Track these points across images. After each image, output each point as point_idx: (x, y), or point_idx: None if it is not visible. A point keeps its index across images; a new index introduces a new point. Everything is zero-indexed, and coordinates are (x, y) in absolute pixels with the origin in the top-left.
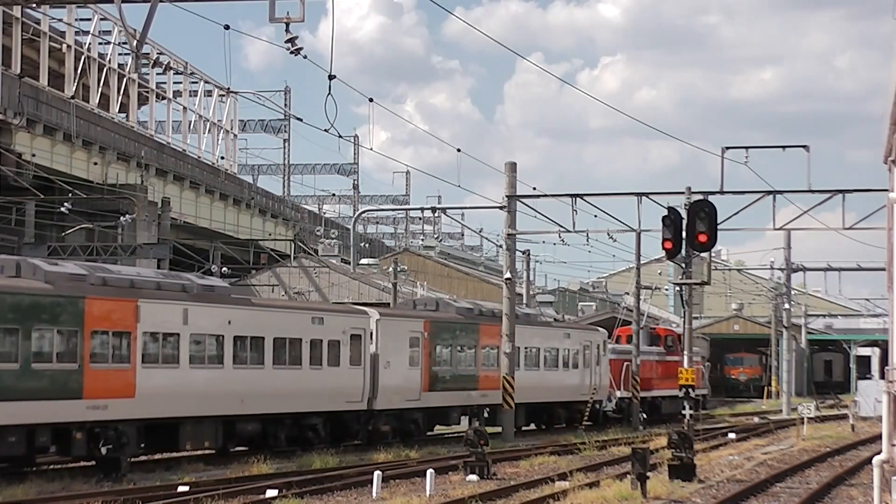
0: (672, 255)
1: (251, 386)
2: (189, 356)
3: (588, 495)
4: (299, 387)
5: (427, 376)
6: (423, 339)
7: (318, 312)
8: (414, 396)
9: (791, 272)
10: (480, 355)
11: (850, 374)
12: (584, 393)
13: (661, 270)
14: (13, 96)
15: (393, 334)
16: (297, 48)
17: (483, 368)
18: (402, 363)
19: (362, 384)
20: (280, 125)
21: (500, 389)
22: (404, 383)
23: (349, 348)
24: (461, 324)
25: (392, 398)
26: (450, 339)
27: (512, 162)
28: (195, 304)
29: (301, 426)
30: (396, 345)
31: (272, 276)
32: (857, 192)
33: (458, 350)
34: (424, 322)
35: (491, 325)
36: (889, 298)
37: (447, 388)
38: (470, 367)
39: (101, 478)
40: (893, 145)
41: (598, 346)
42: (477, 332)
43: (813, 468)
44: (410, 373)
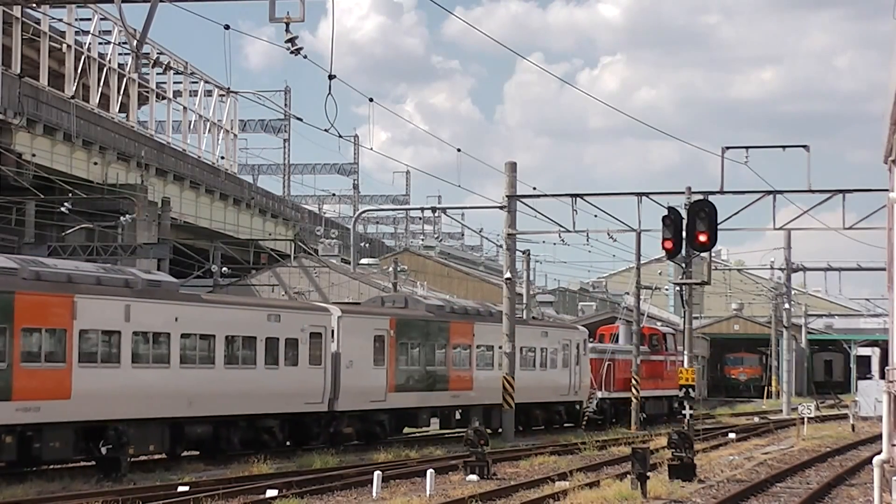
0: (672, 255)
1: (200, 387)
2: (131, 355)
3: (588, 495)
4: (253, 388)
5: (393, 376)
6: (388, 337)
7: (275, 310)
8: (379, 397)
9: (791, 272)
10: (451, 355)
11: (850, 374)
12: (564, 394)
13: (661, 270)
14: (13, 96)
15: (356, 332)
16: (297, 48)
17: (454, 368)
18: (365, 362)
19: (323, 384)
20: (280, 125)
21: (471, 390)
22: (368, 384)
23: (308, 347)
24: (431, 322)
25: (355, 399)
26: (418, 338)
27: (512, 162)
28: (138, 301)
29: (256, 429)
30: (360, 343)
31: (272, 276)
32: (857, 192)
33: (427, 349)
34: (390, 320)
35: (463, 323)
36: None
37: (415, 388)
38: (440, 367)
39: (101, 478)
40: (893, 145)
41: (578, 345)
42: (448, 330)
43: (813, 468)
44: (375, 373)
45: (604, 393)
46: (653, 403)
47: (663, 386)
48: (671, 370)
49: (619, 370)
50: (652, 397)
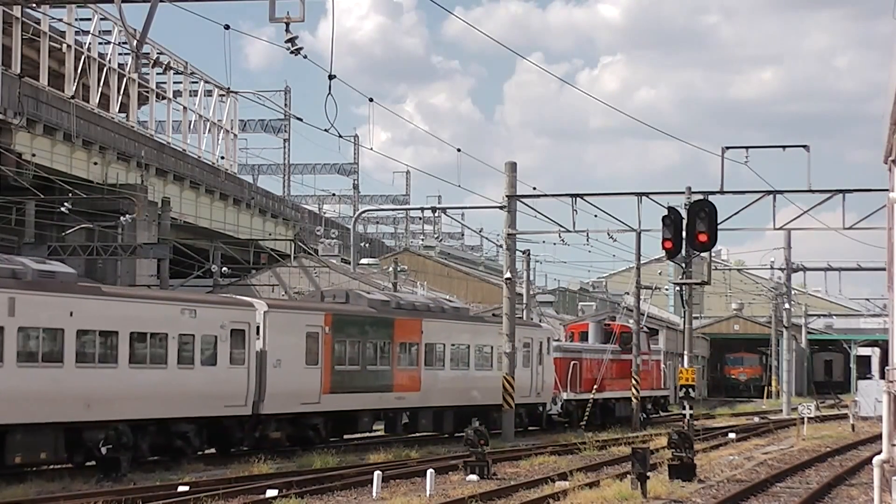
0: (672, 255)
1: (100, 388)
2: (16, 353)
3: (588, 495)
4: (164, 389)
5: (329, 376)
6: (323, 334)
7: (190, 304)
8: (312, 399)
9: (791, 272)
10: (396, 353)
11: (850, 374)
12: (525, 395)
13: (661, 270)
14: (13, 96)
15: (285, 329)
16: (298, 48)
17: (400, 368)
18: (296, 362)
19: (245, 386)
20: (280, 125)
21: (419, 391)
22: (300, 384)
23: (229, 345)
24: (373, 318)
25: (284, 401)
26: (358, 335)
27: (512, 162)
28: (26, 293)
29: (169, 434)
30: (290, 341)
31: (272, 276)
32: (857, 192)
33: (368, 347)
34: (325, 315)
35: (409, 319)
36: (889, 298)
37: (354, 389)
38: (383, 367)
39: (101, 478)
40: (893, 145)
41: (542, 343)
42: (392, 327)
43: (813, 468)
44: (308, 373)
45: (569, 394)
46: (623, 405)
47: (640, 386)
48: (646, 370)
49: (587, 370)
50: (623, 398)
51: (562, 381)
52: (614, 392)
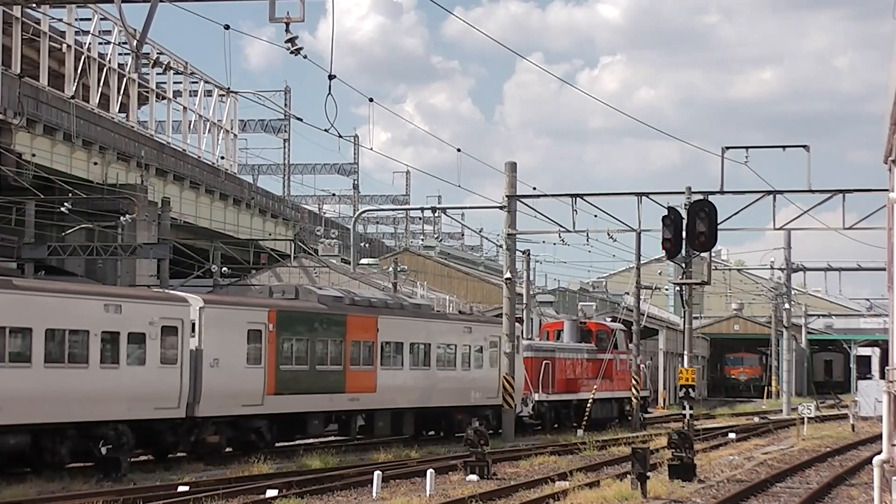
0: (672, 255)
1: (11, 390)
2: None
3: (588, 495)
4: (85, 390)
5: (273, 377)
6: (267, 331)
7: (115, 299)
8: (254, 401)
9: (791, 272)
10: (349, 352)
11: (850, 374)
12: (492, 396)
13: (661, 270)
14: (13, 96)
15: (223, 326)
16: (297, 48)
17: (353, 367)
18: (236, 361)
19: (178, 387)
20: (280, 125)
21: (374, 392)
22: (240, 385)
23: (160, 343)
24: (323, 315)
25: (222, 403)
26: (306, 333)
27: (512, 162)
28: None
29: (93, 438)
30: (229, 339)
31: (272, 275)
32: (857, 192)
33: (318, 345)
34: (269, 312)
35: (364, 316)
36: (889, 298)
37: (302, 390)
38: (335, 366)
39: (101, 478)
40: (893, 145)
41: None
42: (344, 324)
43: (813, 468)
44: (249, 373)
45: (541, 395)
46: (600, 406)
47: (612, 387)
48: (622, 370)
49: (561, 370)
50: (599, 399)
51: (533, 381)
52: (589, 393)
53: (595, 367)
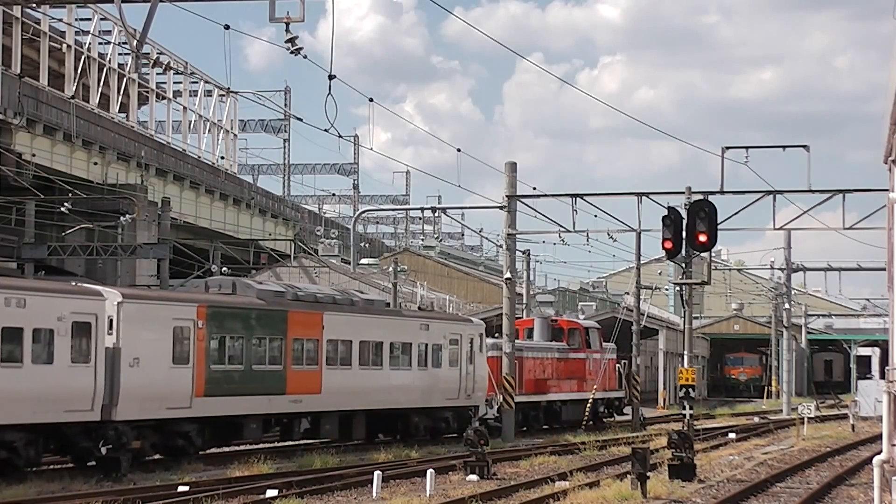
0: (672, 255)
1: None
2: None
3: (588, 495)
4: None
5: (203, 377)
6: (195, 328)
7: (18, 292)
8: (181, 403)
9: (791, 272)
10: (290, 350)
11: (850, 374)
12: (452, 397)
13: (661, 270)
14: (13, 96)
15: (145, 322)
16: (298, 48)
17: (295, 367)
18: (160, 360)
19: (92, 387)
20: (280, 125)
21: (319, 393)
22: (164, 386)
23: (70, 340)
24: (260, 310)
25: (144, 405)
26: (241, 330)
27: (512, 162)
28: None
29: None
30: (152, 336)
31: (272, 275)
32: (857, 192)
33: (254, 344)
34: (198, 307)
35: (307, 312)
36: (889, 298)
37: (237, 392)
38: (274, 366)
39: (101, 478)
40: (893, 145)
41: (472, 340)
42: (285, 321)
43: (813, 468)
44: (175, 373)
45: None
46: (572, 408)
47: (588, 387)
48: (594, 369)
49: (529, 370)
50: (570, 401)
51: (499, 382)
52: (561, 394)
53: (567, 367)
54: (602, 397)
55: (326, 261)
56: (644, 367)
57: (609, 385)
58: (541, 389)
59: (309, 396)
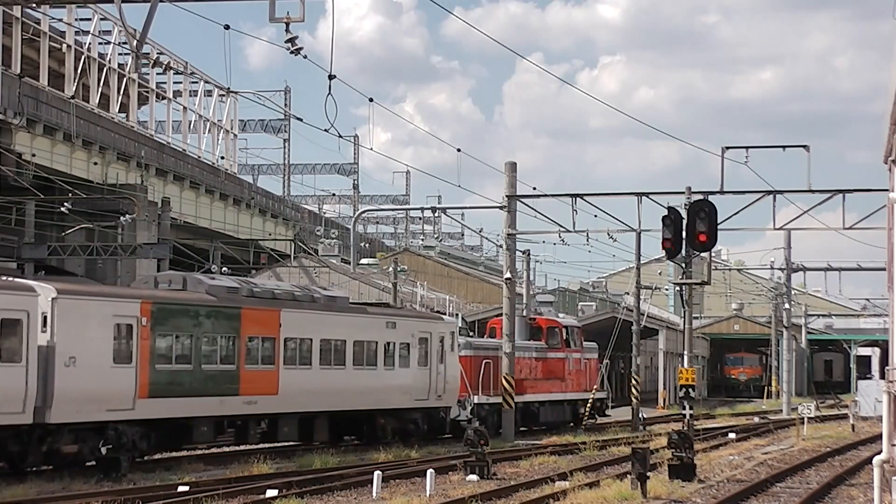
0: (672, 255)
1: None
2: None
3: (588, 495)
4: None
5: (147, 378)
6: (139, 326)
7: None
8: (124, 405)
9: (791, 272)
10: (244, 349)
11: (850, 374)
12: (421, 398)
13: (661, 270)
14: (13, 96)
15: (83, 319)
16: (298, 48)
17: (249, 367)
18: (100, 360)
19: (22, 388)
20: (280, 125)
21: (276, 394)
22: (105, 387)
23: None
24: (211, 307)
25: (81, 408)
26: (190, 328)
27: (512, 162)
28: None
29: None
30: (90, 334)
31: (272, 275)
32: (857, 192)
33: (205, 342)
34: (142, 303)
35: (263, 310)
36: (889, 298)
37: (185, 393)
38: (227, 366)
39: (101, 478)
40: (893, 145)
41: (443, 338)
42: (238, 318)
43: (813, 468)
44: (117, 373)
45: (482, 397)
46: (550, 409)
47: (564, 388)
48: (575, 369)
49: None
50: (549, 402)
51: (472, 382)
52: (539, 395)
53: (545, 367)
54: (583, 398)
55: (326, 261)
56: (644, 367)
57: (590, 385)
58: (517, 390)
59: (265, 398)
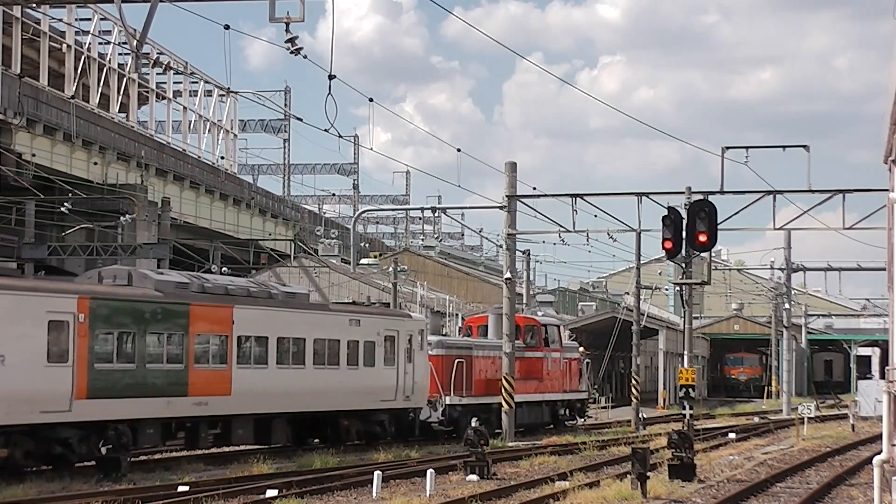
0: (672, 255)
1: None
2: None
3: (588, 495)
4: None
5: (85, 378)
6: (76, 323)
7: None
8: (59, 406)
9: (791, 272)
10: (193, 348)
11: (850, 374)
12: (388, 399)
13: (661, 270)
14: (13, 96)
15: (12, 316)
16: (298, 48)
17: (199, 367)
18: (32, 358)
19: None
20: (280, 125)
21: (229, 395)
22: (38, 388)
23: None
24: (156, 303)
25: (12, 409)
26: (133, 325)
27: (512, 162)
28: None
29: None
30: (20, 331)
31: (272, 275)
32: (857, 192)
33: (149, 340)
34: (79, 299)
35: (213, 306)
36: (889, 298)
37: (127, 393)
38: (174, 365)
39: (101, 478)
40: (893, 145)
41: (412, 337)
42: (187, 315)
43: (813, 468)
44: (51, 373)
45: (454, 398)
46: (528, 410)
47: (542, 388)
48: (554, 369)
49: (480, 370)
50: (527, 402)
51: (444, 382)
52: (519, 395)
53: (522, 367)
54: (562, 399)
55: (326, 261)
56: (644, 367)
57: (570, 386)
58: (492, 391)
59: (217, 398)
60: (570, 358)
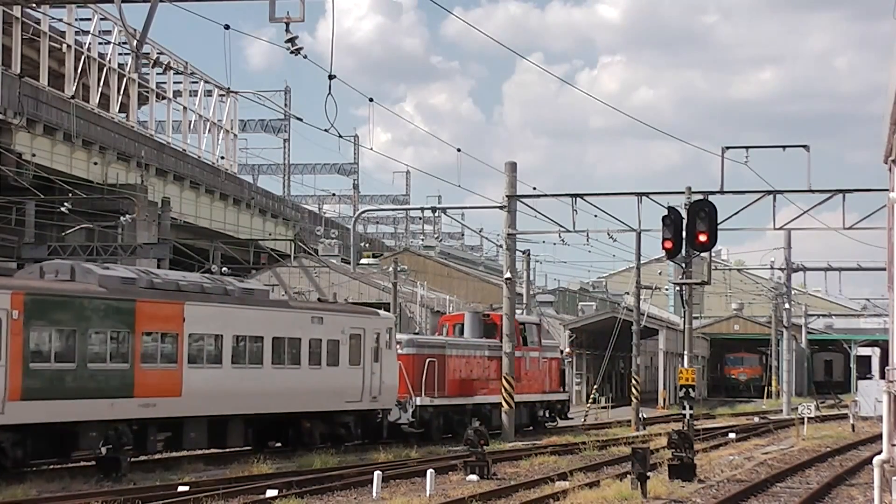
0: (672, 255)
1: None
2: None
3: (588, 495)
4: None
5: (19, 378)
6: (9, 319)
7: None
8: None
9: (791, 272)
10: (139, 346)
11: (850, 374)
12: (353, 399)
13: (661, 270)
14: (13, 96)
15: None
16: (298, 48)
17: (145, 366)
18: None
19: None
20: (280, 125)
21: (179, 396)
22: None
23: None
24: (99, 300)
25: None
26: (72, 322)
27: (512, 162)
28: None
29: None
30: None
31: (272, 275)
32: (857, 192)
33: (92, 339)
34: (12, 295)
35: (163, 302)
36: (889, 298)
37: (66, 395)
38: (118, 365)
39: (101, 478)
40: (893, 145)
41: (379, 335)
42: (132, 312)
43: (813, 468)
44: None
45: (424, 399)
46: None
47: (521, 389)
48: (532, 369)
49: (453, 370)
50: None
51: (414, 382)
52: (491, 396)
53: (498, 367)
54: (542, 400)
55: (326, 261)
56: (644, 367)
57: (551, 387)
58: (467, 391)
59: (165, 400)
60: (550, 358)
